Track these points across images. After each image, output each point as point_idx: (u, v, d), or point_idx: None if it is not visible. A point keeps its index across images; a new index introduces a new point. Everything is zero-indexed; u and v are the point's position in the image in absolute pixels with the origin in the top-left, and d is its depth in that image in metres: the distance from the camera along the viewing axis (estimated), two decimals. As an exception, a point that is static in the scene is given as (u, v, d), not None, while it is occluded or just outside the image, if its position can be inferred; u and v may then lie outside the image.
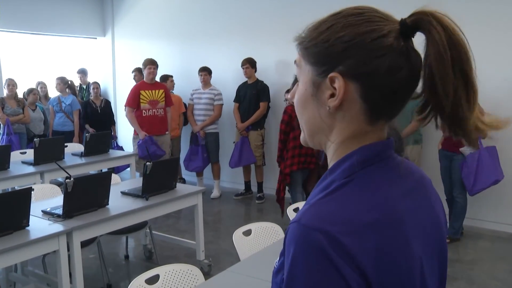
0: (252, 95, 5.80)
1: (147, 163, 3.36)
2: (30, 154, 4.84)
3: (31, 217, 2.73)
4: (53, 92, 6.94)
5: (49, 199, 3.53)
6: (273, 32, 5.90)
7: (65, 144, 5.04)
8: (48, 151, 4.62)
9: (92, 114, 6.78)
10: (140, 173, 5.07)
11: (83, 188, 2.97)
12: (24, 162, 4.65)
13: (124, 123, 6.74)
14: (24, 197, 2.68)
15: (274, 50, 5.92)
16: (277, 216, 4.95)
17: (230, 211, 5.78)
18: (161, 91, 5.65)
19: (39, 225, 2.77)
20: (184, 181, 6.70)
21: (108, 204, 3.15)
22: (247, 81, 5.90)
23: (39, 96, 6.69)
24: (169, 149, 5.79)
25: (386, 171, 0.75)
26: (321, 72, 0.73)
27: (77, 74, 7.46)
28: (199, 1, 6.76)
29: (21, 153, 5.10)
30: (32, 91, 6.41)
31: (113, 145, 6.78)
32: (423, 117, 0.73)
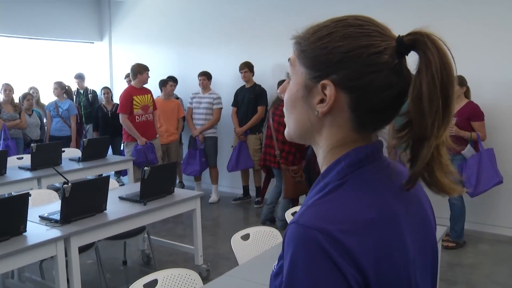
0: (250, 99, 5.80)
1: (145, 168, 3.35)
2: (27, 159, 4.81)
3: (28, 222, 2.71)
4: (46, 97, 6.91)
5: (46, 204, 3.51)
6: (271, 36, 5.91)
7: (63, 149, 5.02)
8: (45, 156, 4.59)
9: (103, 119, 6.77)
10: (135, 178, 5.04)
11: (81, 193, 2.96)
12: (21, 168, 4.62)
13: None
14: (21, 203, 2.66)
15: (271, 54, 5.93)
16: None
17: (229, 215, 5.77)
18: (149, 95, 5.57)
19: (36, 230, 2.75)
20: (183, 185, 6.69)
21: (106, 209, 3.14)
22: (245, 85, 5.90)
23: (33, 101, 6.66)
24: (160, 152, 5.75)
25: (377, 172, 0.76)
26: (314, 76, 0.75)
27: (75, 79, 7.43)
28: (196, 5, 6.77)
29: (18, 158, 5.08)
30: (26, 97, 6.36)
31: (122, 149, 6.61)
32: (400, 136, 0.73)
